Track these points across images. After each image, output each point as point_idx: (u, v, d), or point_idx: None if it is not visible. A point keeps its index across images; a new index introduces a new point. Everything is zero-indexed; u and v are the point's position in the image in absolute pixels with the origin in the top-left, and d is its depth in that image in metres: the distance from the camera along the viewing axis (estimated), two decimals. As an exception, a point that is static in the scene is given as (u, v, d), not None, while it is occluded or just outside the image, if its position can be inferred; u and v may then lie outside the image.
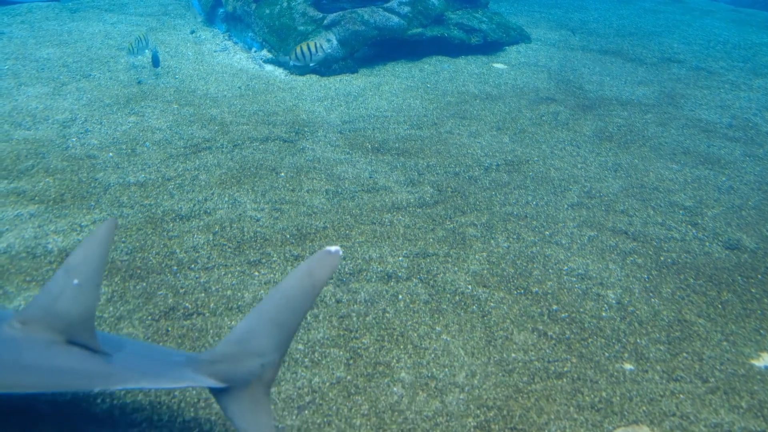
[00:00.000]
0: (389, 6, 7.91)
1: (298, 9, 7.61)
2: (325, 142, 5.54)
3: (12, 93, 6.08)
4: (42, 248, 3.86)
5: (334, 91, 6.78)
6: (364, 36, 7.58)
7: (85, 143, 5.21)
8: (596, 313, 3.58)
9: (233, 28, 8.47)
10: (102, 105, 5.96)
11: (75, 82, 6.45)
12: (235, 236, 4.10)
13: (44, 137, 5.26)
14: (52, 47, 7.40)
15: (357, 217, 4.41)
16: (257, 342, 2.40)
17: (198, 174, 4.84)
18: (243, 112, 6.03)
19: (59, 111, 5.76)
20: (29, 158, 4.91)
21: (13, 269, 3.66)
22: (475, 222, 4.45)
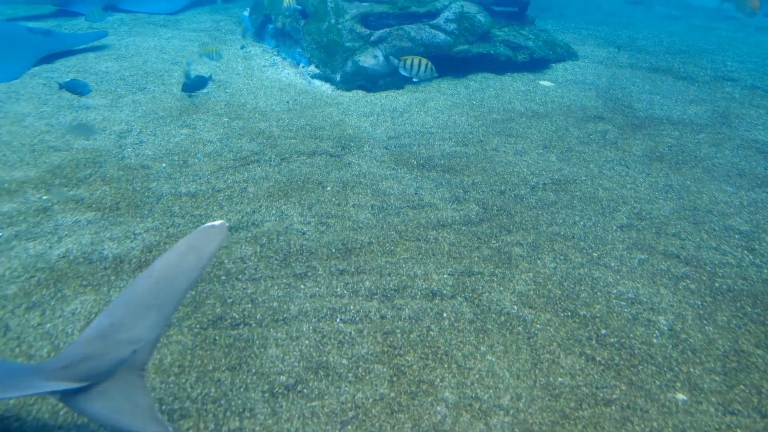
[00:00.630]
0: (435, 23, 7.96)
1: (346, 25, 7.72)
2: (371, 157, 5.59)
3: (73, 104, 6.33)
4: (98, 254, 3.99)
5: (380, 107, 6.84)
6: (410, 52, 7.62)
7: (139, 154, 5.38)
8: (647, 339, 3.49)
9: (282, 44, 8.65)
10: (156, 117, 6.15)
11: (131, 95, 6.68)
12: (282, 248, 4.16)
13: (102, 147, 5.46)
14: (110, 61, 7.68)
15: (402, 233, 4.42)
16: (127, 330, 2.33)
17: (246, 186, 4.94)
18: (291, 126, 6.14)
19: (116, 122, 5.97)
20: (88, 167, 5.09)
21: (71, 273, 3.79)
22: (521, 241, 4.40)
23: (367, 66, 7.37)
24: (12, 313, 3.45)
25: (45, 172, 4.99)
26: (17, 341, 3.26)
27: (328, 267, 3.99)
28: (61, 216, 4.39)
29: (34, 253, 3.97)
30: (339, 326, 3.47)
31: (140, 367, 2.41)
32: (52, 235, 4.16)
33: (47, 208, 4.48)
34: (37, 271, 3.80)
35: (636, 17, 13.26)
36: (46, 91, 6.64)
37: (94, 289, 3.66)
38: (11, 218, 4.34)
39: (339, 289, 3.78)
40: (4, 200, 4.56)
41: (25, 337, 3.29)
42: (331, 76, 7.48)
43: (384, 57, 7.48)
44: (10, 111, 6.11)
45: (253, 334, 3.39)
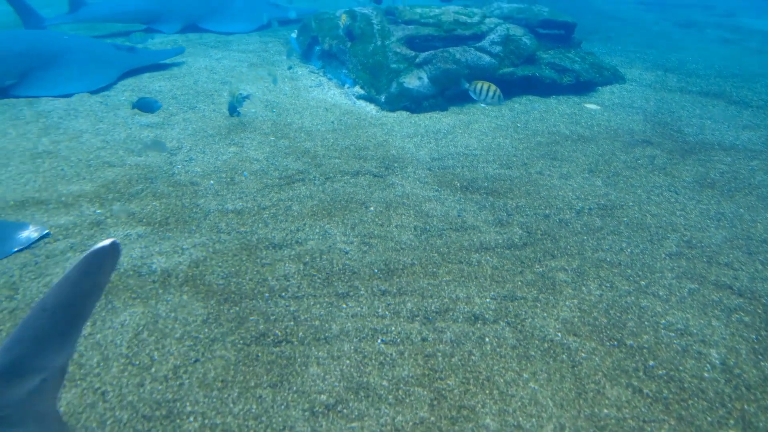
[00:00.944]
0: (481, 45, 7.98)
1: (392, 47, 7.81)
2: (414, 178, 5.61)
3: (127, 122, 6.57)
4: (147, 267, 4.10)
5: (423, 128, 6.87)
6: (455, 74, 7.66)
7: (189, 170, 5.53)
8: (698, 372, 3.37)
9: (328, 65, 8.80)
10: (205, 135, 6.32)
11: (182, 113, 6.89)
12: (325, 267, 4.19)
13: (153, 164, 5.63)
14: (163, 80, 7.95)
15: (444, 255, 4.41)
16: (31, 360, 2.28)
17: (291, 204, 5.01)
18: (335, 145, 6.22)
19: (167, 139, 6.16)
20: (140, 182, 5.26)
21: (121, 285, 3.90)
22: (565, 267, 4.33)
23: (411, 87, 7.43)
24: (65, 323, 3.56)
25: (100, 186, 5.18)
26: (69, 350, 3.36)
27: (370, 287, 4.00)
28: (114, 229, 4.53)
29: (87, 264, 4.10)
30: (380, 347, 3.47)
31: (52, 393, 2.44)
32: (105, 248, 4.30)
33: (101, 222, 4.64)
34: (89, 282, 3.92)
35: (686, 40, 13.02)
36: (103, 109, 6.91)
37: (142, 302, 3.76)
38: (67, 230, 4.51)
39: (381, 310, 3.78)
40: (61, 213, 4.74)
41: (77, 347, 3.39)
42: (376, 97, 7.56)
43: (429, 79, 7.53)
44: (69, 127, 6.37)
45: (295, 351, 3.42)
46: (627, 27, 13.99)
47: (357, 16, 8.39)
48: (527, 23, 8.72)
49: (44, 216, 4.68)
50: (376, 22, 8.15)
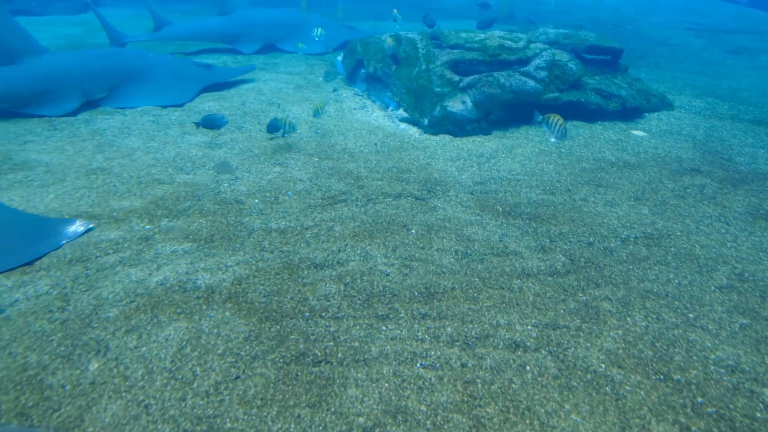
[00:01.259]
0: (525, 70, 7.96)
1: (436, 71, 7.87)
2: (456, 202, 5.60)
3: (177, 141, 6.78)
4: (192, 284, 4.19)
5: (466, 152, 6.87)
6: (498, 99, 7.66)
7: (234, 189, 5.66)
8: (749, 412, 3.24)
9: (372, 88, 8.91)
10: (251, 155, 6.47)
11: (229, 133, 7.07)
12: (365, 289, 4.21)
13: (201, 182, 5.78)
14: (212, 101, 8.19)
15: (486, 280, 4.37)
16: None
17: (333, 225, 5.06)
18: (378, 167, 6.27)
19: (214, 159, 6.32)
20: (187, 200, 5.40)
21: (167, 300, 3.99)
22: (610, 296, 4.24)
23: (455, 111, 7.45)
24: (112, 335, 3.66)
25: (149, 203, 5.34)
26: (115, 362, 3.45)
27: (410, 310, 3.99)
28: (161, 245, 4.66)
29: (136, 279, 4.22)
30: (419, 371, 3.45)
31: None
32: (152, 263, 4.42)
33: (149, 237, 4.77)
34: (136, 296, 4.04)
35: (737, 67, 12.71)
36: (154, 128, 7.15)
37: (186, 317, 3.84)
38: (117, 245, 4.66)
39: (420, 334, 3.77)
40: (112, 228, 4.90)
41: (123, 359, 3.48)
42: (419, 120, 7.61)
43: (472, 103, 7.55)
44: (123, 145, 6.61)
45: (334, 372, 3.43)
46: (675, 53, 13.76)
47: (402, 40, 8.50)
48: (573, 49, 8.67)
49: (96, 230, 4.85)
50: (421, 46, 8.23)
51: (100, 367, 3.41)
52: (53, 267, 4.35)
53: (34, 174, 5.84)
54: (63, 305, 3.93)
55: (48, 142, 6.66)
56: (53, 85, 7.52)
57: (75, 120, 7.38)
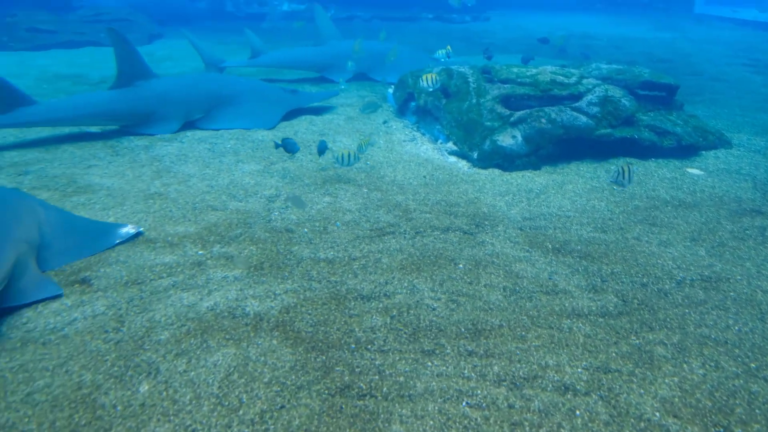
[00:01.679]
0: (577, 106, 7.90)
1: (486, 105, 7.89)
2: (505, 237, 5.54)
3: (231, 168, 6.97)
4: (241, 310, 4.26)
5: (515, 187, 6.82)
6: (549, 134, 7.60)
7: (285, 218, 5.76)
8: (818, 472, 3.05)
9: (422, 120, 8.99)
10: (302, 184, 6.59)
11: (282, 162, 7.23)
12: (411, 322, 4.19)
13: (252, 209, 5.91)
14: (266, 130, 8.41)
15: (534, 318, 4.29)
16: None
17: (381, 257, 5.08)
18: (426, 200, 6.28)
19: (267, 187, 6.46)
20: (239, 227, 5.53)
21: (216, 326, 4.07)
22: (664, 341, 4.09)
23: (504, 145, 7.43)
24: (163, 358, 3.74)
25: (203, 228, 5.48)
26: (165, 385, 3.52)
27: (457, 346, 3.94)
28: (213, 271, 4.77)
29: (187, 303, 4.32)
30: (464, 410, 3.39)
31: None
32: (204, 288, 4.52)
33: (202, 263, 4.89)
34: (187, 320, 4.13)
35: (800, 105, 12.27)
36: (210, 156, 7.38)
37: (235, 344, 3.90)
38: (171, 269, 4.79)
39: (467, 371, 3.71)
40: (167, 252, 5.04)
41: (172, 382, 3.54)
42: (468, 153, 7.62)
43: (522, 138, 7.52)
44: (179, 171, 6.84)
45: (379, 407, 3.40)
46: (733, 89, 13.41)
47: (453, 74, 8.57)
48: (626, 84, 8.56)
49: (151, 254, 5.00)
50: (472, 80, 8.28)
51: (150, 389, 3.49)
52: (110, 288, 4.49)
53: (96, 197, 6.09)
54: (118, 326, 4.05)
55: (110, 167, 6.95)
56: (161, 106, 8.22)
57: (135, 146, 7.69)
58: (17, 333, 3.93)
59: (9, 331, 3.95)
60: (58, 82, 11.62)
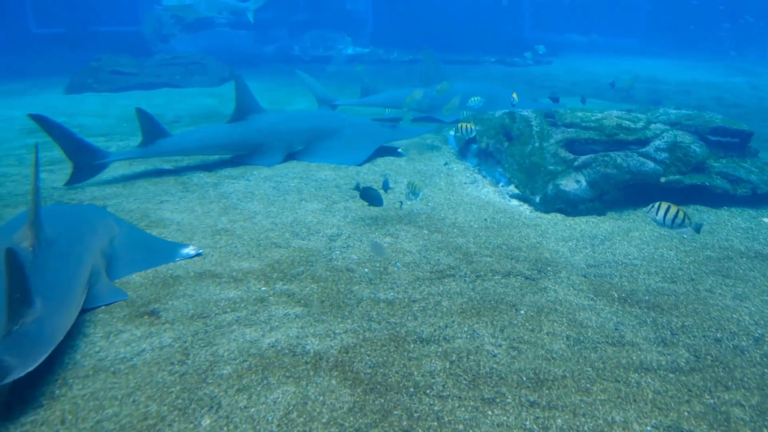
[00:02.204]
0: (645, 151, 7.72)
1: (550, 149, 7.82)
2: (568, 284, 5.41)
3: (294, 207, 7.14)
4: (301, 348, 4.30)
5: (579, 232, 6.68)
6: (615, 179, 7.45)
7: (346, 257, 5.83)
8: None
9: (483, 163, 8.99)
10: (363, 224, 6.67)
11: (344, 202, 7.36)
12: (471, 368, 4.12)
13: (314, 247, 6.01)
14: (329, 170, 8.60)
15: (599, 371, 4.14)
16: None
17: (441, 300, 5.05)
18: (487, 244, 6.23)
19: (328, 226, 6.58)
20: (301, 264, 5.63)
21: (277, 363, 4.12)
22: (742, 402, 3.85)
23: (568, 190, 7.32)
24: (225, 393, 3.81)
25: (266, 265, 5.61)
26: (226, 420, 3.57)
27: (518, 396, 3.84)
28: (275, 308, 4.85)
29: (249, 339, 4.40)
30: (526, 464, 3.28)
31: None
32: (266, 325, 4.60)
33: (264, 299, 4.99)
34: (249, 356, 4.20)
35: None
36: (275, 194, 7.59)
37: (294, 382, 3.93)
38: (234, 304, 4.91)
39: (528, 423, 3.60)
40: (231, 287, 5.18)
41: (233, 418, 3.59)
42: (530, 197, 7.54)
43: (587, 182, 7.39)
44: (245, 209, 7.06)
45: (437, 455, 3.33)
46: (813, 136, 12.80)
47: (516, 118, 8.57)
48: (696, 130, 8.32)
49: (217, 289, 5.15)
50: (535, 124, 8.25)
51: (212, 423, 3.54)
52: (177, 321, 4.64)
53: (167, 231, 6.35)
54: (183, 359, 4.16)
55: (180, 203, 7.25)
56: (268, 138, 8.97)
57: (205, 183, 8.00)
58: (90, 361, 4.10)
59: (83, 358, 4.12)
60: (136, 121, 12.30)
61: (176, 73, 17.59)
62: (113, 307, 4.82)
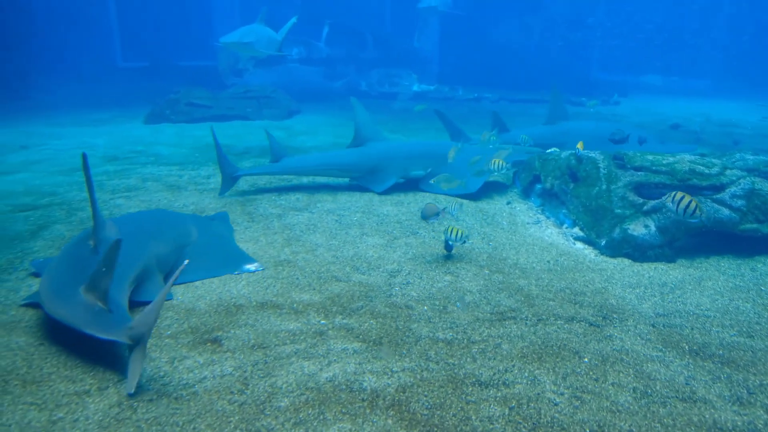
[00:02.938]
0: (719, 197, 7.41)
1: (618, 192, 7.63)
2: (635, 333, 5.20)
3: (356, 241, 7.22)
4: (358, 385, 4.29)
5: (647, 279, 6.43)
6: (686, 225, 7.16)
7: (405, 294, 5.82)
8: None
9: (547, 203, 8.85)
10: (423, 261, 6.65)
11: (405, 238, 7.38)
12: (531, 416, 3.99)
13: (374, 283, 6.04)
14: (391, 205, 8.67)
15: (669, 428, 3.93)
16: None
17: (501, 342, 4.95)
18: (550, 287, 6.09)
19: (389, 261, 6.60)
20: (360, 299, 5.65)
21: (334, 398, 4.12)
22: (828, 472, 3.56)
23: (636, 235, 7.10)
24: (282, 426, 3.83)
25: (326, 298, 5.67)
26: (282, 453, 3.58)
27: (580, 449, 3.69)
28: (334, 342, 4.88)
29: (308, 372, 4.44)
30: None
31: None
32: (324, 359, 4.63)
33: (323, 332, 5.03)
34: (307, 389, 4.22)
35: None
36: (337, 227, 7.70)
37: (350, 419, 3.91)
38: (294, 336, 4.97)
39: (591, 479, 3.44)
40: (291, 319, 5.25)
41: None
42: (596, 240, 7.35)
43: (656, 228, 7.14)
44: (308, 241, 7.19)
45: (494, 505, 3.23)
46: None
47: (583, 159, 8.43)
48: (776, 176, 7.93)
49: (277, 319, 5.23)
50: (603, 166, 8.08)
51: (268, 455, 3.56)
52: (238, 350, 4.73)
53: (232, 261, 6.52)
54: (242, 388, 4.23)
55: (246, 233, 7.46)
56: (382, 164, 9.61)
57: (270, 215, 8.22)
58: (155, 386, 4.22)
59: (148, 383, 4.25)
60: (208, 151, 12.84)
61: (248, 107, 18.29)
62: (179, 332, 4.98)
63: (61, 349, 4.67)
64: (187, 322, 5.18)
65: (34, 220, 7.84)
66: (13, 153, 12.64)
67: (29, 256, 6.55)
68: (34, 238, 7.16)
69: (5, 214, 8.13)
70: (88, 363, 4.49)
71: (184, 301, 5.55)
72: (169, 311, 5.34)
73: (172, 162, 11.74)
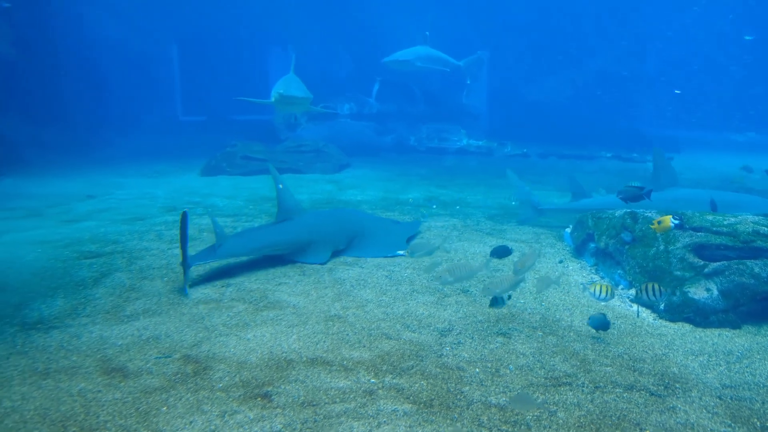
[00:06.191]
0: (787, 261, 7.08)
1: (676, 253, 7.39)
2: (700, 405, 4.94)
3: (406, 298, 7.19)
4: (408, 449, 4.19)
5: (711, 347, 6.14)
6: (752, 290, 6.85)
7: (456, 354, 5.72)
8: None
9: (602, 263, 8.64)
10: (475, 320, 6.55)
11: (455, 296, 7.30)
12: (590, 493, 3.80)
13: (424, 341, 5.97)
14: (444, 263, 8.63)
15: None
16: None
17: (556, 410, 4.77)
18: (607, 352, 5.88)
19: (439, 320, 6.52)
20: (411, 359, 5.58)
21: (384, 463, 4.03)
22: None
23: (697, 298, 6.82)
24: (331, 489, 3.76)
25: (376, 356, 5.62)
26: None
27: None
28: (384, 402, 4.81)
29: (358, 433, 4.37)
30: None
31: None
32: (373, 420, 4.56)
33: (373, 392, 4.97)
34: (357, 451, 4.15)
35: None
36: (387, 283, 7.70)
37: (401, 485, 3.81)
38: (344, 394, 4.92)
39: None
40: (341, 376, 5.22)
41: None
42: (654, 303, 7.09)
43: (719, 292, 6.86)
44: (358, 296, 7.20)
45: None
46: None
47: (639, 218, 8.24)
48: None
49: (327, 377, 5.21)
50: (660, 227, 7.87)
51: None
52: (288, 406, 4.71)
53: (283, 314, 6.58)
54: (292, 447, 4.19)
55: (297, 286, 7.53)
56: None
57: (321, 268, 8.29)
58: (206, 440, 4.23)
59: (200, 436, 4.26)
60: (262, 203, 13.17)
61: (300, 160, 18.78)
62: (230, 386, 5.01)
63: (117, 398, 4.76)
64: (238, 375, 5.21)
65: (97, 268, 8.14)
66: (80, 202, 13.28)
67: (91, 303, 6.78)
68: (97, 285, 7.42)
69: (71, 260, 8.48)
70: (141, 413, 4.55)
71: (236, 353, 5.61)
72: (221, 363, 5.40)
73: (227, 213, 12.07)
